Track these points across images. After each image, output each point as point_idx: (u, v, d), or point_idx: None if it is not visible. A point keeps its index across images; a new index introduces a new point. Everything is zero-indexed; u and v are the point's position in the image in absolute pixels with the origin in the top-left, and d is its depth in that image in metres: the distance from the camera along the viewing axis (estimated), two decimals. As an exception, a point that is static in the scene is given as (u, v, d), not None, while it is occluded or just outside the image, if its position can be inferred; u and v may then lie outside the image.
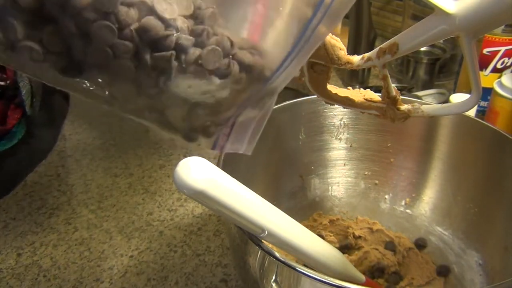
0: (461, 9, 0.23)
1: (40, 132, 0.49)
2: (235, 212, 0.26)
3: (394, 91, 0.30)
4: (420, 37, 0.26)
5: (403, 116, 0.31)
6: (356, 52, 0.29)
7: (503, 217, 0.39)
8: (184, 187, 0.24)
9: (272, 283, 0.29)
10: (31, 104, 0.47)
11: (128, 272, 0.46)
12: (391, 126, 0.46)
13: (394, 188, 0.48)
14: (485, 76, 0.66)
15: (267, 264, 0.29)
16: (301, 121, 0.46)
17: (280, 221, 0.30)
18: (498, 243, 0.39)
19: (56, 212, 0.54)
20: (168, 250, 0.49)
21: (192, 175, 0.23)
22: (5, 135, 0.46)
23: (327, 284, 0.26)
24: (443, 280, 0.43)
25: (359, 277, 0.37)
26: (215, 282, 0.45)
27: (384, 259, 0.44)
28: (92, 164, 0.63)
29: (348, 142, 0.48)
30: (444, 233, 0.45)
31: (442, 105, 0.30)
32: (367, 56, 0.29)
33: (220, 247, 0.49)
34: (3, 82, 0.45)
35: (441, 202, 0.46)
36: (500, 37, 0.63)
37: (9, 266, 0.47)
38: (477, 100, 0.27)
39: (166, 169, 0.62)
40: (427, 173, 0.46)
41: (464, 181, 0.44)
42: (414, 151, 0.46)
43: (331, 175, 0.49)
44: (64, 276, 0.46)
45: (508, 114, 0.58)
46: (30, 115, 0.47)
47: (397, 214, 0.48)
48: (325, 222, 0.48)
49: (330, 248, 0.35)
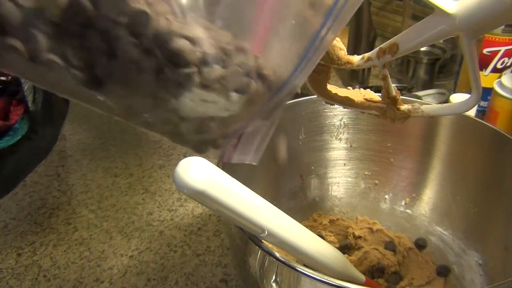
0: (461, 9, 0.23)
1: (42, 129, 0.49)
2: (235, 212, 0.26)
3: (394, 91, 0.30)
4: (420, 37, 0.26)
5: (403, 116, 0.31)
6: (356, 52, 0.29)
7: (503, 217, 0.39)
8: (184, 187, 0.24)
9: (272, 283, 0.29)
10: (33, 100, 0.47)
11: (128, 272, 0.46)
12: (391, 126, 0.46)
13: (394, 188, 0.48)
14: (485, 76, 0.66)
15: (267, 264, 0.29)
16: (301, 121, 0.46)
17: (280, 221, 0.30)
18: (498, 243, 0.39)
19: (56, 212, 0.54)
20: (168, 250, 0.49)
21: (192, 175, 0.23)
22: (7, 131, 0.46)
23: (327, 284, 0.26)
24: (443, 280, 0.43)
25: (359, 277, 0.37)
26: (215, 282, 0.45)
27: (384, 259, 0.44)
28: (92, 164, 0.63)
29: (348, 142, 0.48)
30: (444, 233, 0.45)
31: (442, 105, 0.30)
32: (367, 56, 0.29)
33: (220, 247, 0.49)
34: (4, 78, 0.45)
35: (441, 202, 0.46)
36: (500, 37, 0.63)
37: (9, 266, 0.47)
38: (477, 100, 0.27)
39: (166, 169, 0.62)
40: (427, 173, 0.46)
41: (464, 181, 0.44)
42: (414, 151, 0.46)
43: (331, 175, 0.49)
44: (64, 276, 0.46)
45: (508, 114, 0.58)
46: (33, 111, 0.47)
47: (397, 214, 0.48)
48: (325, 222, 0.48)
49: (330, 248, 0.35)
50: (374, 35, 0.77)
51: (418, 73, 0.79)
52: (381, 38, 0.89)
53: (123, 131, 0.71)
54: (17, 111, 0.46)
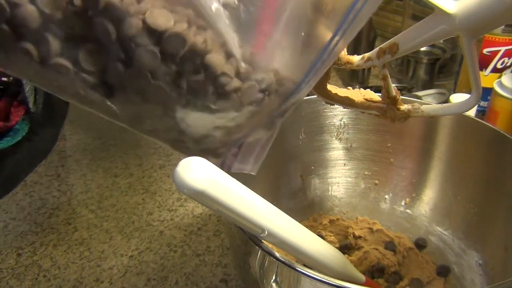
0: (461, 9, 0.23)
1: (42, 130, 0.49)
2: (235, 212, 0.26)
3: (394, 91, 0.30)
4: (420, 37, 0.26)
5: (403, 116, 0.31)
6: (356, 52, 0.29)
7: (503, 217, 0.39)
8: (184, 187, 0.23)
9: (272, 283, 0.29)
10: (34, 101, 0.46)
11: (128, 272, 0.46)
12: (391, 126, 0.46)
13: (394, 188, 0.48)
14: (485, 76, 0.66)
15: (267, 264, 0.29)
16: (301, 121, 0.46)
17: (280, 221, 0.30)
18: (498, 243, 0.39)
19: (56, 212, 0.54)
20: (168, 250, 0.49)
21: (192, 175, 0.23)
22: (8, 132, 0.46)
23: (327, 284, 0.26)
24: (443, 280, 0.43)
25: (359, 277, 0.37)
26: (215, 282, 0.45)
27: (384, 259, 0.44)
28: (92, 164, 0.63)
29: (348, 142, 0.48)
30: (444, 233, 0.45)
31: (442, 105, 0.30)
32: (367, 56, 0.29)
33: (220, 247, 0.49)
34: (6, 78, 0.45)
35: (441, 202, 0.46)
36: (500, 37, 0.63)
37: (9, 266, 0.47)
38: (477, 100, 0.27)
39: (166, 169, 0.62)
40: (427, 173, 0.46)
41: (464, 181, 0.43)
42: (414, 151, 0.46)
43: (331, 175, 0.49)
44: (64, 276, 0.46)
45: (508, 114, 0.58)
46: (34, 112, 0.47)
47: (397, 214, 0.48)
48: (325, 222, 0.48)
49: (330, 248, 0.34)
50: (374, 35, 0.77)
51: (418, 73, 0.79)
52: (381, 38, 0.89)
53: (123, 131, 0.71)
54: (18, 112, 0.46)
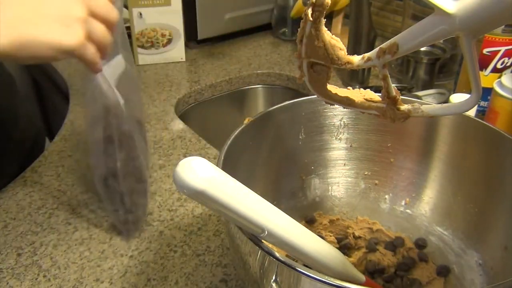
0: (461, 9, 0.23)
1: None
2: (235, 212, 0.26)
3: (394, 91, 0.30)
4: (420, 37, 0.26)
5: (403, 116, 0.31)
6: (356, 52, 0.29)
7: (503, 217, 0.39)
8: (184, 187, 0.24)
9: (272, 283, 0.29)
10: None
11: (128, 272, 0.46)
12: (391, 126, 0.46)
13: (394, 188, 0.48)
14: (485, 76, 0.66)
15: (267, 264, 0.29)
16: (301, 121, 0.46)
17: (280, 221, 0.30)
18: (498, 243, 0.39)
19: (56, 212, 0.54)
20: (168, 250, 0.49)
21: (192, 175, 0.23)
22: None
23: (327, 284, 0.26)
24: (443, 280, 0.43)
25: (359, 277, 0.37)
26: (215, 282, 0.45)
27: (384, 259, 0.44)
28: (92, 164, 0.63)
29: (348, 142, 0.48)
30: (444, 233, 0.45)
31: (442, 105, 0.30)
32: (367, 56, 0.29)
33: (220, 247, 0.49)
34: None
35: (441, 202, 0.46)
36: (500, 37, 0.63)
37: (9, 266, 0.47)
38: (477, 100, 0.27)
39: (166, 169, 0.62)
40: (427, 173, 0.46)
41: (464, 181, 0.43)
42: (414, 151, 0.46)
43: (331, 175, 0.49)
44: (64, 276, 0.46)
45: (508, 114, 0.58)
46: None
47: (397, 214, 0.48)
48: (325, 222, 0.48)
49: (330, 248, 0.35)
50: (374, 35, 0.77)
51: (418, 73, 0.79)
52: (381, 38, 0.89)
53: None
54: None
